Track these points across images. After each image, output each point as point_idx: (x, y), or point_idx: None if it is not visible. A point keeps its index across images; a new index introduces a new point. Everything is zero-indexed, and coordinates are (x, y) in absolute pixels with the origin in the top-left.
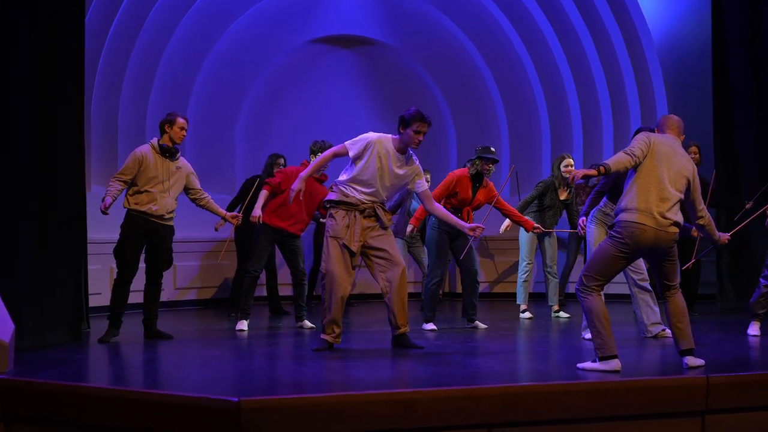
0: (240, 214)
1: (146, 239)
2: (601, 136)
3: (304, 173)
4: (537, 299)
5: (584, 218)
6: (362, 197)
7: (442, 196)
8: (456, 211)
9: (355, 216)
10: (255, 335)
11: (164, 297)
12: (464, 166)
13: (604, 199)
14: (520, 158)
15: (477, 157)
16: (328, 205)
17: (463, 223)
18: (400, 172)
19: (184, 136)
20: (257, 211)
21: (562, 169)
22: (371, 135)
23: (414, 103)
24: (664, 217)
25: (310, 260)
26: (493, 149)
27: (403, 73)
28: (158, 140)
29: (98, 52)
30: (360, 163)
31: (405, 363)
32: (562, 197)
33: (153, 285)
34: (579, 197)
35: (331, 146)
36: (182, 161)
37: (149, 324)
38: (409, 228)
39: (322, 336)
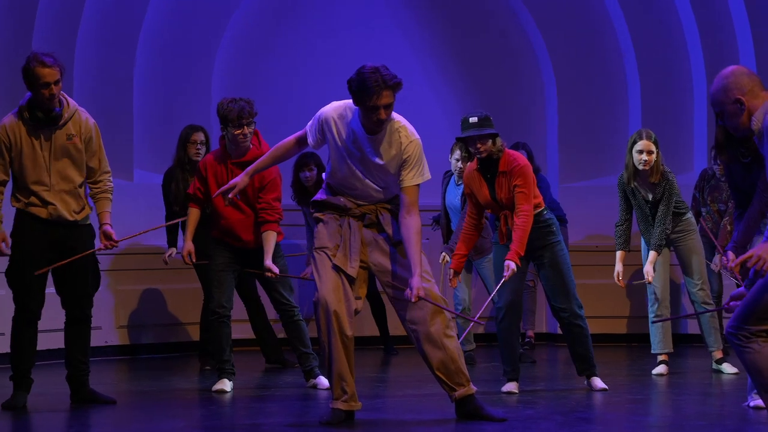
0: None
1: (52, 252)
2: None
3: (250, 168)
4: (687, 343)
5: (732, 253)
6: (353, 200)
7: (469, 207)
8: (494, 219)
9: (349, 224)
10: (241, 401)
11: (99, 339)
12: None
13: None
14: (664, 137)
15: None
16: (313, 210)
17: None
18: (379, 161)
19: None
20: (188, 244)
21: (635, 156)
22: (327, 108)
23: (504, 60)
24: None
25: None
26: (472, 118)
27: (485, 14)
28: (28, 100)
29: None
30: (329, 153)
31: None
32: (651, 196)
33: (76, 322)
34: (714, 194)
35: None
36: (80, 119)
37: (77, 382)
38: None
39: (331, 405)
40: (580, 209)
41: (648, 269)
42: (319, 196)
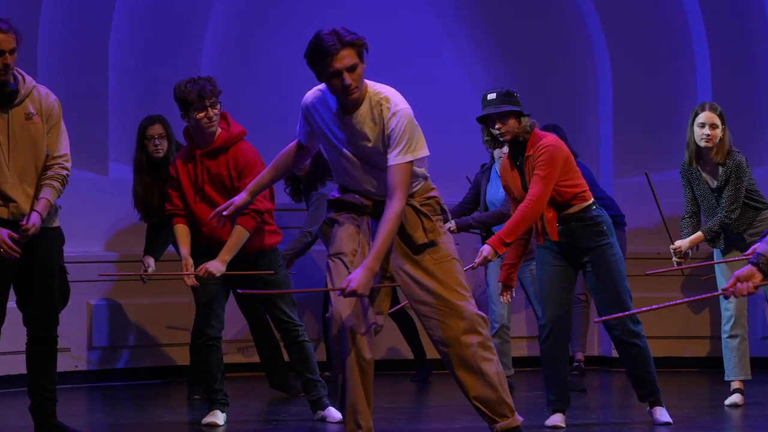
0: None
1: (9, 260)
2: None
3: (250, 185)
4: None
5: None
6: (367, 197)
7: (511, 207)
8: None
9: (368, 225)
10: None
11: (68, 363)
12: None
13: None
14: (737, 127)
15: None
16: (329, 211)
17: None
18: (368, 144)
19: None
20: (187, 261)
21: (696, 131)
22: (306, 95)
23: (549, 34)
24: None
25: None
26: (491, 94)
27: None
28: None
29: None
30: (323, 147)
31: None
32: (715, 182)
33: (39, 342)
34: None
35: None
36: (39, 95)
37: (42, 413)
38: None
39: None
40: (638, 209)
41: (681, 244)
42: (335, 194)
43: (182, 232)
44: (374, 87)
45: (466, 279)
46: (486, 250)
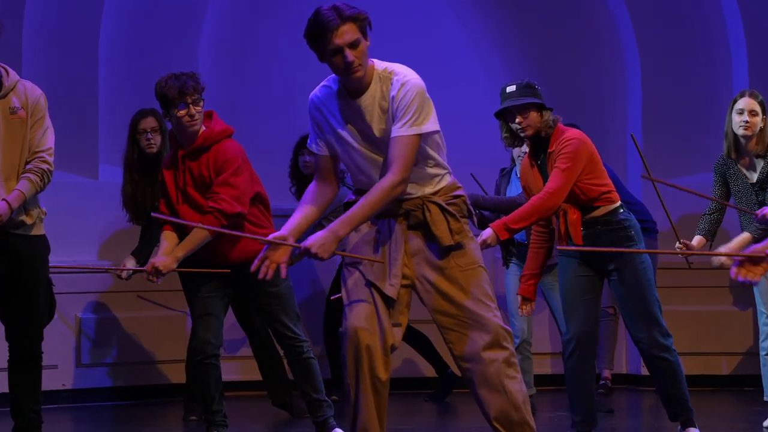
0: None
1: (2, 265)
2: None
3: (291, 228)
4: None
5: None
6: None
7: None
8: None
9: (389, 227)
10: None
11: (55, 382)
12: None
13: None
14: None
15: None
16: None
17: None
18: (382, 128)
19: None
20: (159, 260)
21: (734, 118)
22: (311, 94)
23: (574, 30)
24: None
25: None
26: (510, 87)
27: None
28: None
29: None
30: (336, 148)
31: None
32: (755, 176)
33: (23, 360)
34: None
35: None
36: (24, 88)
37: None
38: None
39: None
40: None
41: (730, 247)
42: (350, 197)
43: (170, 239)
44: (381, 64)
45: (492, 289)
46: (487, 233)
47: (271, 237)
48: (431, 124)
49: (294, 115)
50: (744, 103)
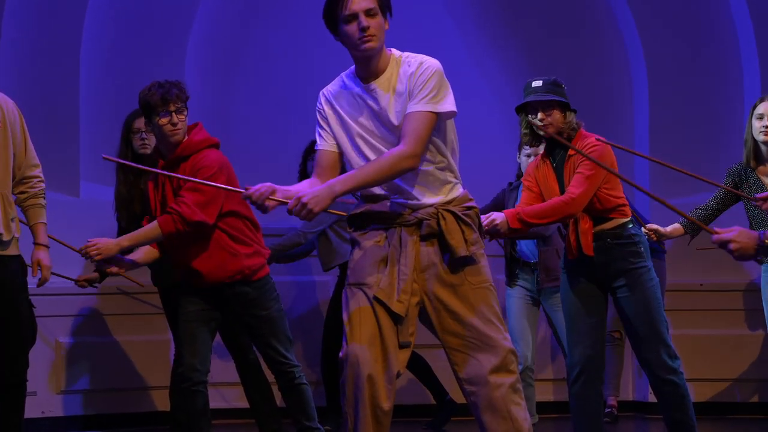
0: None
1: None
2: None
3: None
4: None
5: None
6: (400, 203)
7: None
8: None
9: (399, 239)
10: None
11: (35, 410)
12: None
13: None
14: None
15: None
16: (351, 229)
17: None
18: (398, 114)
19: None
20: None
21: (755, 124)
22: (321, 92)
23: (580, 46)
24: None
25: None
26: (536, 82)
27: None
28: None
29: None
30: (343, 150)
31: None
32: None
33: (7, 388)
34: None
35: None
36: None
37: None
38: None
39: None
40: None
41: (660, 228)
42: (357, 207)
43: (149, 254)
44: (398, 52)
45: (501, 309)
46: (499, 217)
47: (256, 187)
48: (448, 104)
49: (282, 128)
50: (764, 107)
